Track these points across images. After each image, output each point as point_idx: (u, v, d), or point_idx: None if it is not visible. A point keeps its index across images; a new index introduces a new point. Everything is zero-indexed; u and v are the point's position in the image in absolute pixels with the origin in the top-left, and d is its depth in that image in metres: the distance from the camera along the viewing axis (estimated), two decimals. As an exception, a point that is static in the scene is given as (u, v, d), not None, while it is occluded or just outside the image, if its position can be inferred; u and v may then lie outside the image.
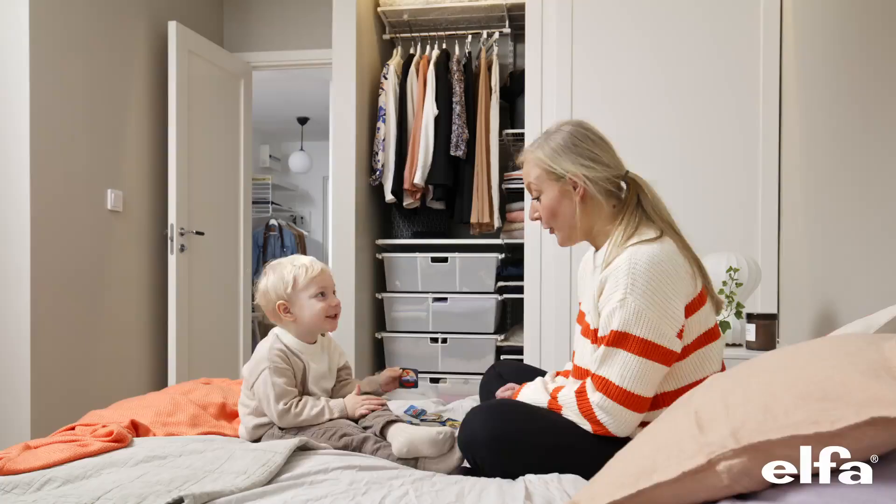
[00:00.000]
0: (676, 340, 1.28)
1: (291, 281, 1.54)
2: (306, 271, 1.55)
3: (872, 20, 1.71)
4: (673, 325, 1.27)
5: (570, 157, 1.39)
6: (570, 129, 1.42)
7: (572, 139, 1.40)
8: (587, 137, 1.41)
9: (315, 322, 1.55)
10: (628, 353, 1.26)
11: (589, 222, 1.43)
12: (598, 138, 1.43)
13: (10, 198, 2.59)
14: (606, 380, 1.27)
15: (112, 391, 2.97)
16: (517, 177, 3.28)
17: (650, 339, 1.25)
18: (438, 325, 3.33)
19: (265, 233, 6.24)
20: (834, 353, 0.79)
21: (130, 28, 3.21)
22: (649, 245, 1.30)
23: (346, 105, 3.24)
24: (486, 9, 3.39)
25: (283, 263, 1.59)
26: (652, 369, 1.26)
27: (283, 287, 1.54)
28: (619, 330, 1.26)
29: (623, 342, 1.26)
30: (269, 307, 1.57)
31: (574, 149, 1.39)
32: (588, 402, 1.29)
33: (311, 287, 1.54)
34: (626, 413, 1.26)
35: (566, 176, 1.39)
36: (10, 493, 1.19)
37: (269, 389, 1.48)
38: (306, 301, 1.54)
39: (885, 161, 1.59)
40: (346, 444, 1.42)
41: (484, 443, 1.29)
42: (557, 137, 1.41)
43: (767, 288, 2.60)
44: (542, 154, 1.42)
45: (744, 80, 2.67)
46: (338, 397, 1.60)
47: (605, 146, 1.43)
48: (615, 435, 1.28)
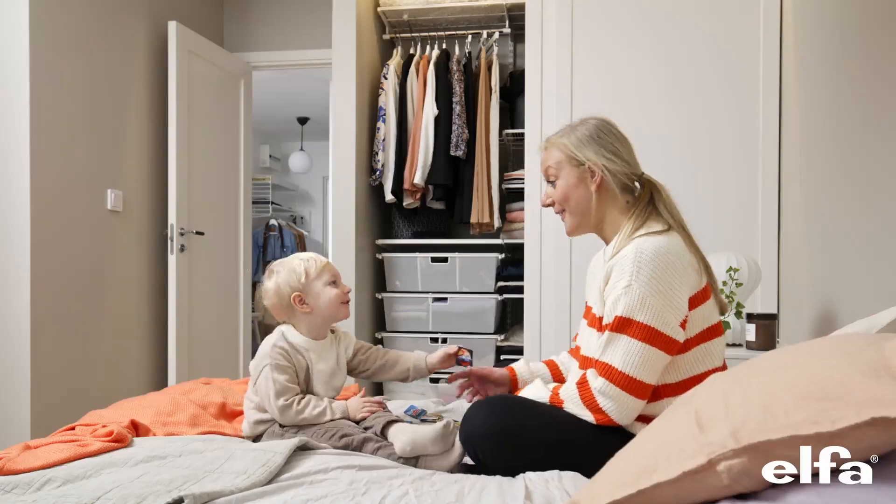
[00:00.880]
0: (679, 330, 1.30)
1: (304, 272, 1.55)
2: (316, 262, 1.58)
3: (872, 20, 1.71)
4: (676, 313, 1.29)
5: (594, 147, 1.44)
6: (596, 123, 1.48)
7: (598, 131, 1.46)
8: (611, 132, 1.47)
9: (332, 308, 1.56)
10: (631, 338, 1.28)
11: (601, 213, 1.47)
12: (620, 135, 1.49)
13: (10, 198, 2.59)
14: (609, 365, 1.30)
15: (112, 391, 2.97)
16: (517, 177, 3.28)
17: (653, 326, 1.27)
18: (438, 325, 3.33)
19: (265, 233, 6.24)
20: (834, 353, 0.79)
21: (130, 28, 3.21)
22: (656, 237, 1.34)
23: (346, 105, 3.23)
24: (486, 9, 3.39)
25: (288, 260, 1.59)
26: (655, 356, 1.28)
27: (297, 279, 1.54)
28: (623, 315, 1.29)
29: (626, 328, 1.29)
30: (283, 303, 1.56)
31: (598, 140, 1.45)
32: (590, 391, 1.31)
33: (324, 275, 1.57)
34: (629, 399, 1.28)
35: (587, 164, 1.44)
36: (10, 493, 1.19)
37: (269, 386, 1.48)
38: (322, 289, 1.55)
39: (885, 161, 1.59)
40: (346, 444, 1.42)
41: (486, 437, 1.30)
42: (583, 129, 1.47)
43: (767, 288, 2.60)
44: (567, 141, 1.47)
45: (744, 80, 2.67)
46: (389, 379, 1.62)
47: (626, 144, 1.49)
48: (617, 423, 1.29)
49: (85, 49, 2.89)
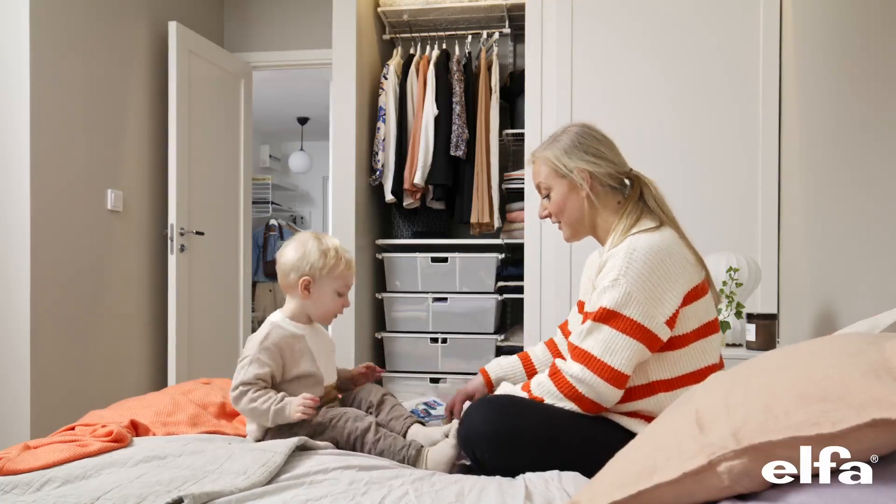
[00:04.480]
0: (664, 327, 1.31)
1: (327, 266, 1.53)
2: (340, 263, 1.56)
3: (872, 20, 1.71)
4: (663, 311, 1.30)
5: (577, 154, 1.47)
6: (576, 130, 1.51)
7: (578, 138, 1.49)
8: (591, 136, 1.50)
9: (324, 314, 1.60)
10: (614, 329, 1.30)
11: (594, 217, 1.50)
12: (602, 137, 1.51)
13: (10, 198, 2.59)
14: (588, 352, 1.32)
15: (112, 391, 2.97)
16: (517, 177, 3.28)
17: (638, 321, 1.29)
18: (438, 325, 3.33)
19: (265, 233, 6.24)
20: (834, 354, 0.79)
21: (130, 28, 3.21)
22: (649, 234, 1.36)
23: (346, 105, 3.23)
24: (486, 9, 3.39)
25: (320, 241, 1.56)
26: (635, 349, 1.30)
27: (319, 266, 1.53)
28: (608, 308, 1.31)
29: (609, 319, 1.31)
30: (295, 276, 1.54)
31: (580, 146, 1.47)
32: (565, 378, 1.33)
33: (339, 281, 1.57)
34: (605, 387, 1.30)
35: (573, 172, 1.46)
36: (10, 493, 1.19)
37: (240, 373, 1.50)
38: (327, 292, 1.56)
39: (885, 161, 1.59)
40: (350, 432, 1.43)
41: (484, 438, 1.30)
42: (564, 138, 1.50)
43: (767, 288, 2.60)
44: (549, 154, 1.50)
45: (744, 80, 2.67)
46: None
47: (609, 144, 1.51)
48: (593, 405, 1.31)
49: (85, 49, 2.89)
